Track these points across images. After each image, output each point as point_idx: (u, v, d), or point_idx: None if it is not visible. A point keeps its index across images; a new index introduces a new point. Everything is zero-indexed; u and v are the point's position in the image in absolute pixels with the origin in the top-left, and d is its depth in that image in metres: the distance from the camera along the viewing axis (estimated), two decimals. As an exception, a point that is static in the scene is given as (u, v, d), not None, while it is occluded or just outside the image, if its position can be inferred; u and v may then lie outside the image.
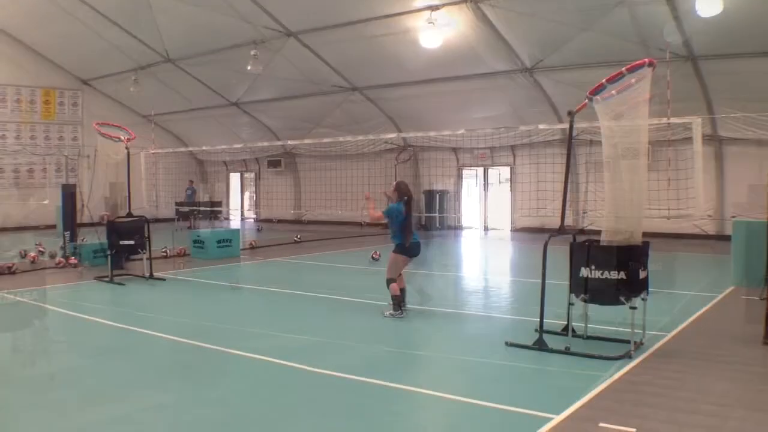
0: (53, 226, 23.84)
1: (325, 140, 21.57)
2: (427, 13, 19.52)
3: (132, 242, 14.57)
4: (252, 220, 35.85)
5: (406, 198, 10.75)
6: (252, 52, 22.80)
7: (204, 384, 7.29)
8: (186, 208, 29.79)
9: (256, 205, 36.05)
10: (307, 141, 23.93)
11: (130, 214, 14.89)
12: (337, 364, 7.85)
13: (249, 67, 23.20)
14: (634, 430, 5.70)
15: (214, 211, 31.71)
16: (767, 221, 8.81)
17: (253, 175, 36.27)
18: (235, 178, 37.65)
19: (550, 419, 5.96)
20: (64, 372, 7.70)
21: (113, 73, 28.84)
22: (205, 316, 11.30)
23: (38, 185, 29.51)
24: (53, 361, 8.18)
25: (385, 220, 10.93)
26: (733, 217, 13.90)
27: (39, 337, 9.82)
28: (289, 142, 25.86)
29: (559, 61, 21.20)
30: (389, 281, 10.70)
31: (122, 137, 14.76)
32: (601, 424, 5.83)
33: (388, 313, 10.68)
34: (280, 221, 32.73)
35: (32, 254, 17.58)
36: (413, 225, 10.98)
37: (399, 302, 10.65)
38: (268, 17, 21.89)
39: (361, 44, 22.63)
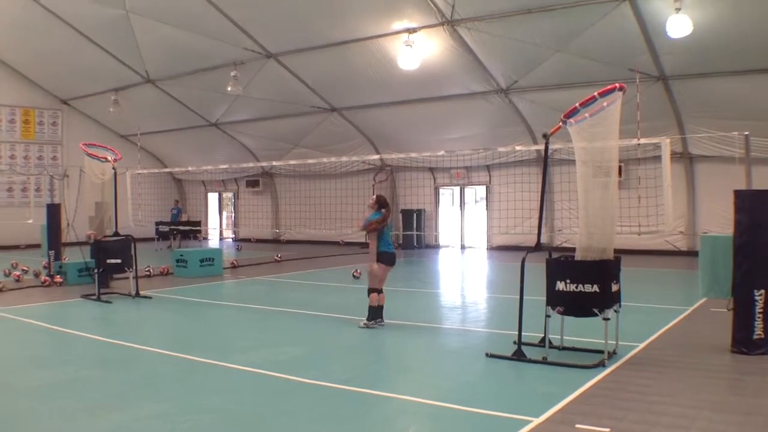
0: (37, 245, 23.95)
1: (309, 161, 21.79)
2: (405, 35, 19.96)
3: (119, 261, 14.85)
4: (230, 240, 36.02)
5: (383, 210, 11.16)
6: (232, 74, 23.11)
7: (198, 394, 7.55)
8: (166, 228, 29.90)
9: (235, 224, 36.24)
10: (291, 162, 24.11)
11: (116, 234, 15.15)
12: (323, 374, 8.14)
13: (229, 89, 23.52)
14: (609, 430, 6.06)
15: (194, 230, 31.86)
16: (733, 236, 9.21)
17: (231, 194, 36.47)
18: (213, 198, 37.78)
19: (529, 422, 6.31)
20: (63, 383, 7.93)
21: (93, 93, 29.14)
22: (193, 331, 11.65)
23: (18, 204, 29.56)
24: (52, 373, 8.37)
25: (373, 226, 11.06)
26: (705, 232, 14.35)
27: (34, 351, 10.03)
28: (274, 163, 26.12)
29: (533, 82, 21.71)
30: (369, 291, 11.19)
31: (109, 158, 15.02)
32: (578, 426, 6.19)
33: (363, 323, 11.12)
34: (258, 240, 32.94)
35: (17, 273, 17.77)
36: (391, 237, 11.50)
37: (374, 314, 11.09)
38: (248, 39, 22.25)
39: (340, 66, 23.03)
